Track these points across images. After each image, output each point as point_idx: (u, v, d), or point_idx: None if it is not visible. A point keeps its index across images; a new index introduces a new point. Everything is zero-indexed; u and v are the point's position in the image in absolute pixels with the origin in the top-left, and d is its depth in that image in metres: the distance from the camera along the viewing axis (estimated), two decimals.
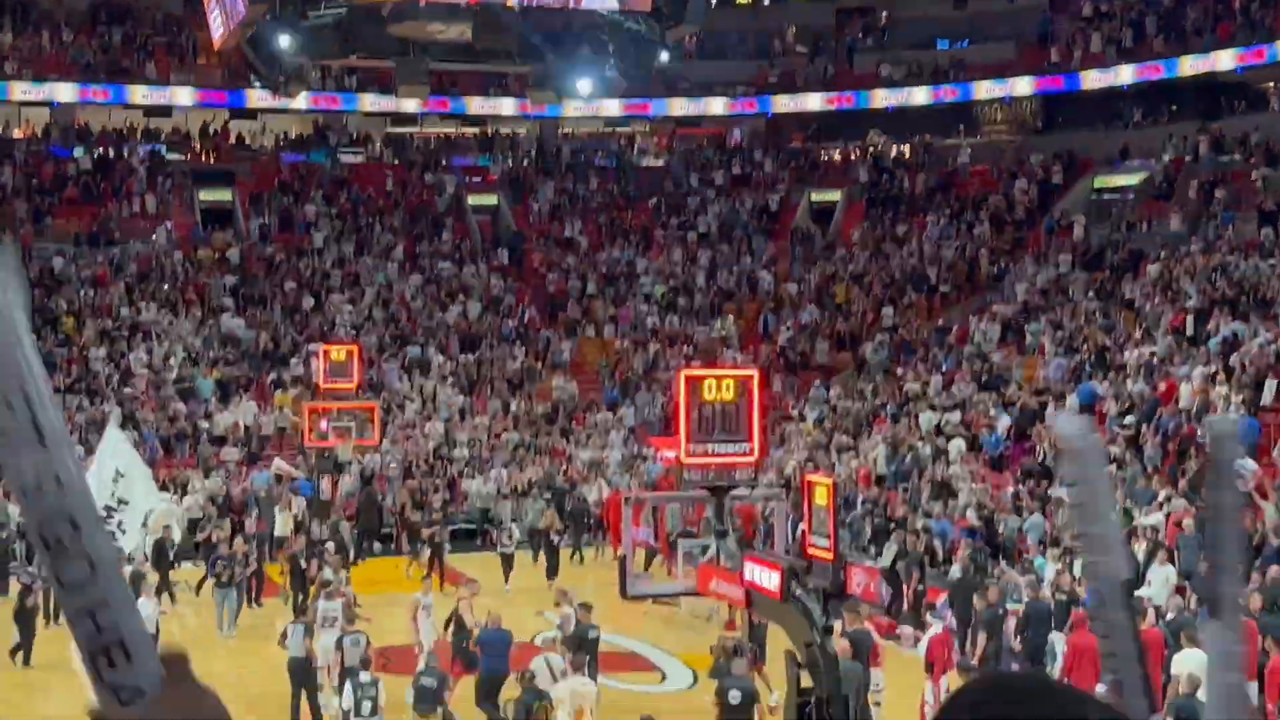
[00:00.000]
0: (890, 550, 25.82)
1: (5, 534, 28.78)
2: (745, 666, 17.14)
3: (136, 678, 1.40)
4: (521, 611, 22.74)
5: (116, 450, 25.25)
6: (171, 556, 27.17)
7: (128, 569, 26.45)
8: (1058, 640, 19.30)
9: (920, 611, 23.09)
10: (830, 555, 14.53)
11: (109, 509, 24.88)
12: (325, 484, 31.80)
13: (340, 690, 17.98)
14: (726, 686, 16.50)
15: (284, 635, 19.39)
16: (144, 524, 24.58)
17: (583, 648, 18.15)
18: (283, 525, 29.79)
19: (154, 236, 45.24)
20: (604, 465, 36.35)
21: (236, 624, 24.67)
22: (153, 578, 25.39)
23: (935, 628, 19.38)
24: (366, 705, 16.53)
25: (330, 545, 26.31)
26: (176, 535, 28.01)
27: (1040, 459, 28.85)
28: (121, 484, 24.73)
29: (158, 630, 21.52)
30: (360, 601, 21.13)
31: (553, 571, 28.45)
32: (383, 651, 20.83)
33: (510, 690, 17.77)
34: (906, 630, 22.84)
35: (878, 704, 18.66)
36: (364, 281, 45.30)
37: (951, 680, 17.53)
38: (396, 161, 52.37)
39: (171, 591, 26.36)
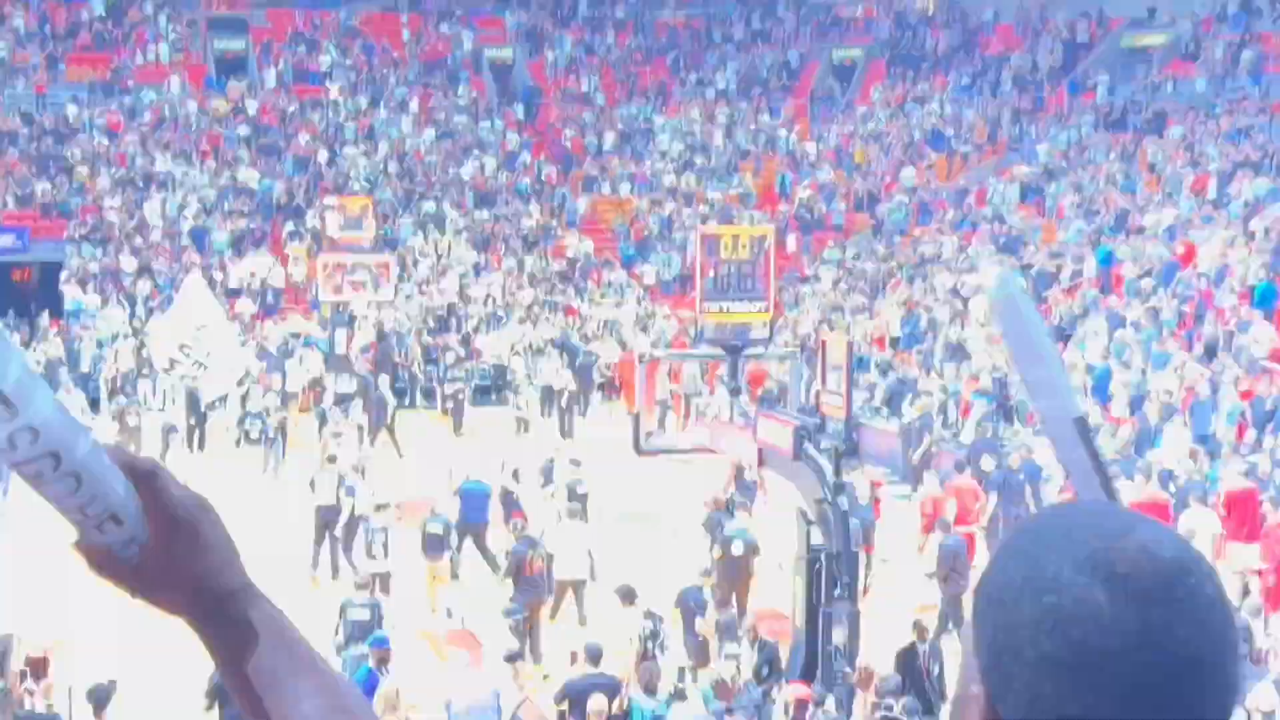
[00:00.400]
0: (912, 411, 25.88)
1: None
2: (745, 518, 17.58)
3: (130, 531, 1.36)
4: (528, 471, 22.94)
5: (201, 303, 25.36)
6: (203, 408, 27.01)
7: (162, 421, 26.71)
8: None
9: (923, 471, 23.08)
10: (843, 414, 14.55)
11: (182, 349, 25.03)
12: (340, 337, 31.85)
13: (350, 537, 18.34)
14: (729, 538, 16.80)
15: (312, 483, 19.67)
16: (238, 380, 24.83)
17: (572, 500, 18.38)
18: (294, 380, 29.84)
19: (167, 85, 44.83)
20: (618, 324, 36.34)
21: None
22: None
23: (930, 486, 19.58)
24: (378, 549, 16.84)
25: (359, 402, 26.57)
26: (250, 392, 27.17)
27: (1058, 321, 28.75)
28: (203, 334, 24.86)
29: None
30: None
31: (567, 431, 28.55)
32: (396, 504, 21.17)
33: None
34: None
35: (884, 560, 18.94)
36: (378, 135, 44.94)
37: (936, 540, 17.56)
38: (412, 12, 51.59)
39: (203, 441, 26.53)
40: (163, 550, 1.37)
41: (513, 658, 12.89)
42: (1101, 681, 1.19)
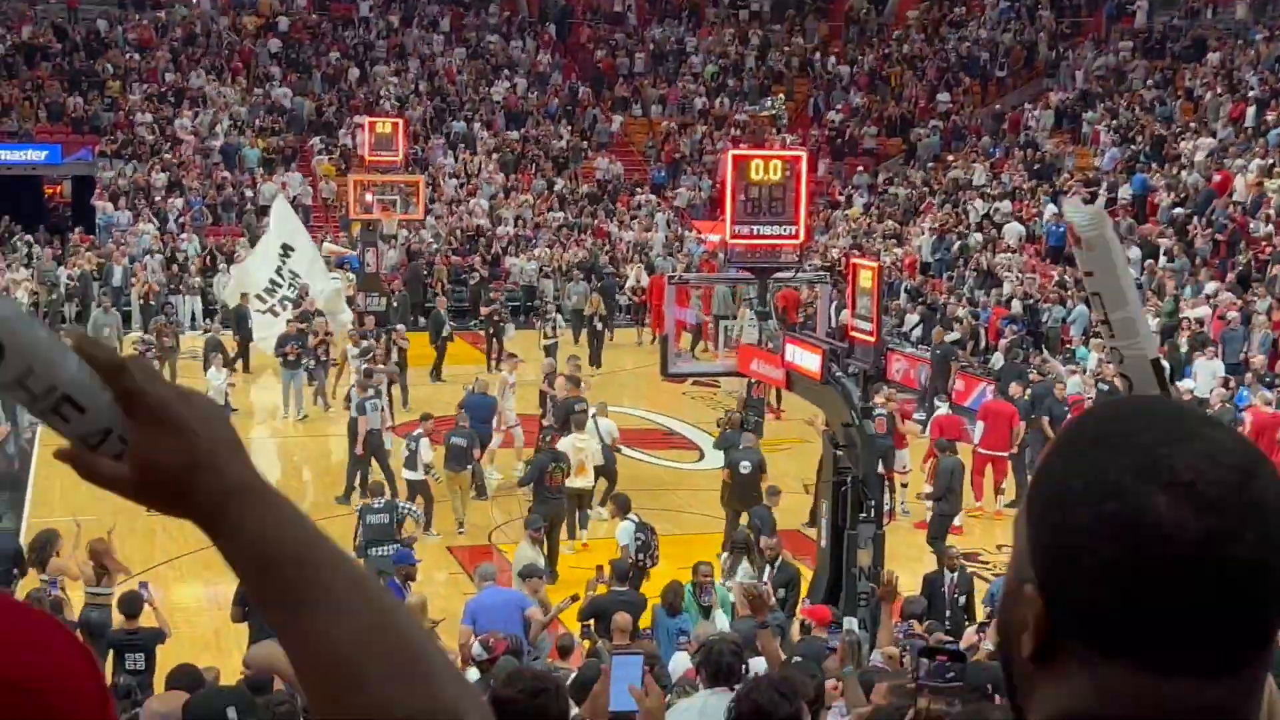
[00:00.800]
0: (951, 336, 25.83)
1: None
2: (753, 439, 17.79)
3: (98, 421, 1.29)
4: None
5: (284, 225, 25.30)
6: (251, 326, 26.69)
7: (205, 335, 26.68)
8: None
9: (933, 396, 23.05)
10: (872, 339, 14.50)
11: (273, 283, 25.05)
12: (370, 257, 31.85)
13: (380, 452, 18.59)
14: (737, 459, 17.06)
15: (348, 399, 19.90)
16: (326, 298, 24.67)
17: (568, 420, 18.47)
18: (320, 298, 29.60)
19: (198, 0, 44.64)
20: (647, 247, 36.25)
21: (303, 406, 23.89)
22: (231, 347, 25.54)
23: (942, 409, 19.61)
24: (417, 460, 17.43)
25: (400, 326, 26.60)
26: (346, 318, 26.03)
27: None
28: (292, 258, 24.81)
29: (226, 401, 21.69)
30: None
31: (595, 356, 28.51)
32: (422, 420, 21.34)
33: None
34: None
35: (904, 485, 19.05)
36: (409, 54, 44.72)
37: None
38: None
39: (247, 361, 26.44)
40: (145, 446, 1.29)
41: (529, 573, 12.99)
42: (1161, 590, 1.17)
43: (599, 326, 29.37)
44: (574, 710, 5.21)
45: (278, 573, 1.29)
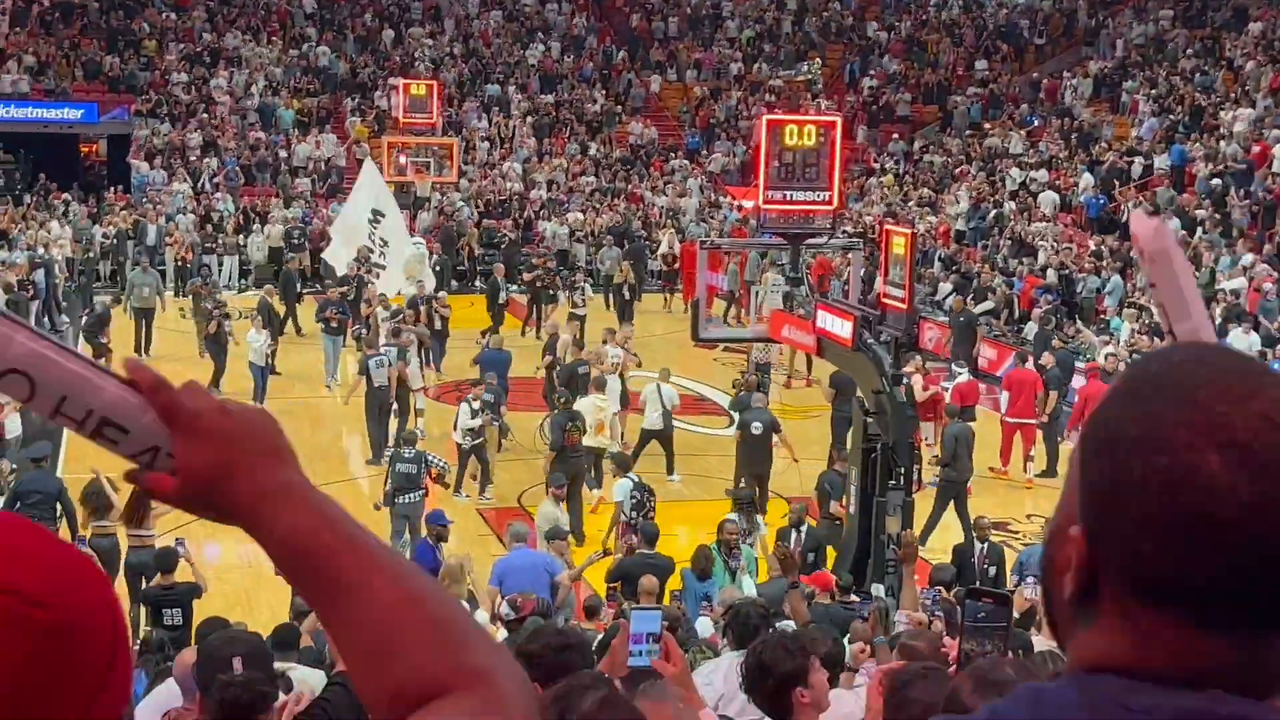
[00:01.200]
0: (986, 305, 25.74)
1: None
2: (764, 399, 18.00)
3: (145, 441, 1.38)
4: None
5: (373, 190, 25.16)
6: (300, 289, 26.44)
7: (253, 295, 26.54)
8: None
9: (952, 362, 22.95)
10: (904, 306, 14.46)
11: (368, 250, 24.88)
12: (404, 219, 31.87)
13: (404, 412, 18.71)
14: (748, 419, 17.24)
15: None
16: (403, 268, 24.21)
17: (572, 381, 18.68)
18: (340, 263, 29.16)
19: None
20: (680, 212, 36.15)
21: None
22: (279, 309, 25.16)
23: (961, 376, 19.56)
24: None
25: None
26: (429, 284, 24.94)
27: (1125, 219, 28.35)
28: (383, 225, 24.54)
29: (268, 363, 21.57)
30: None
31: (625, 322, 28.37)
32: (458, 385, 21.38)
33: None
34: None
35: (935, 456, 19.03)
36: (444, 15, 44.65)
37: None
38: None
39: (297, 324, 26.20)
40: (185, 458, 1.38)
41: (555, 535, 13.04)
42: (1206, 549, 1.15)
43: (626, 295, 29.12)
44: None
45: (310, 566, 1.39)
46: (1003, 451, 19.15)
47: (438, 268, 29.35)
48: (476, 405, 17.45)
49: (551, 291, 27.51)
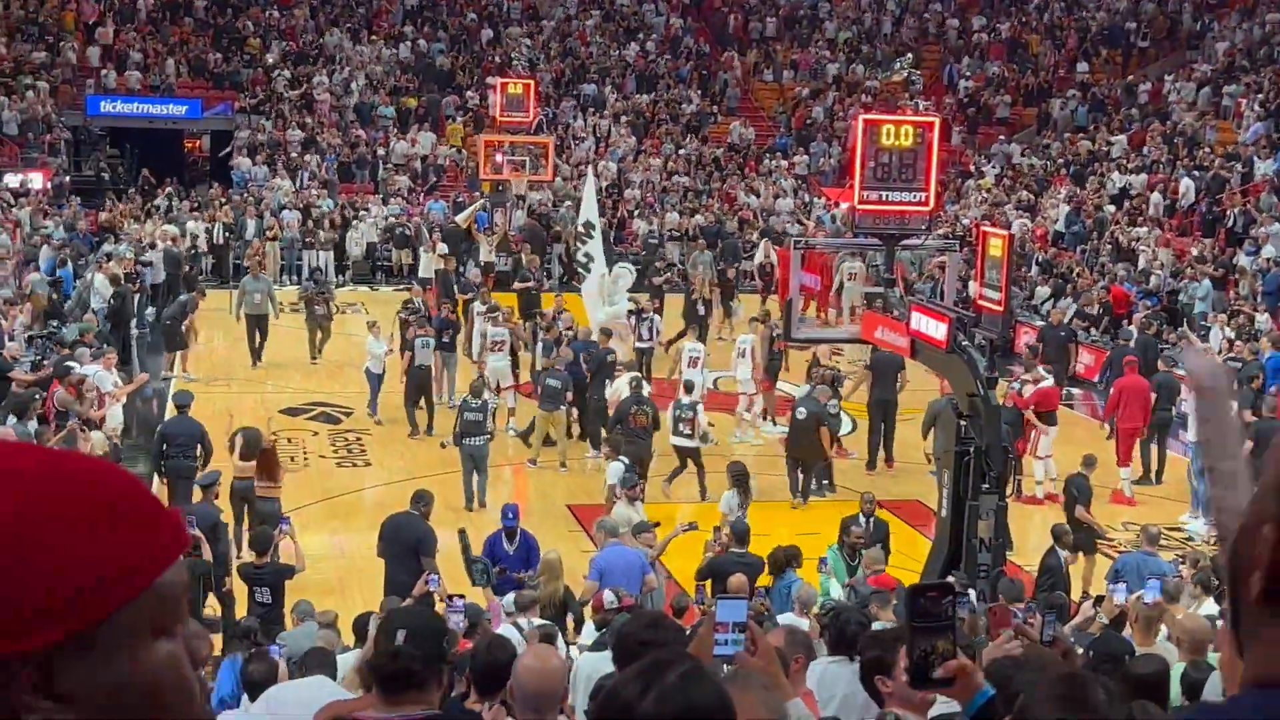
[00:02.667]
0: (1069, 308, 25.42)
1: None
2: (829, 393, 18.31)
3: None
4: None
5: (590, 203, 25.24)
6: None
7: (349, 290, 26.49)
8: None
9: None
10: (1000, 308, 14.31)
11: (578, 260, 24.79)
12: (499, 217, 32.11)
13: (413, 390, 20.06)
14: (798, 405, 17.95)
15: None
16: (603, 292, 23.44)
17: (602, 367, 19.49)
18: (425, 266, 28.79)
19: None
20: (774, 212, 36.03)
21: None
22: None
23: (1046, 381, 19.35)
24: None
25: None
26: (620, 308, 23.78)
27: (1230, 224, 27.88)
28: (590, 243, 24.18)
29: (383, 370, 20.88)
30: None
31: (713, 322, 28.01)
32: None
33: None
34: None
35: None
36: (542, 15, 44.90)
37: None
38: None
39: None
40: None
41: (642, 529, 13.10)
42: None
43: (708, 298, 27.93)
44: None
45: None
46: (1122, 458, 18.93)
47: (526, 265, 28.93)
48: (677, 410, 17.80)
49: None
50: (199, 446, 15.41)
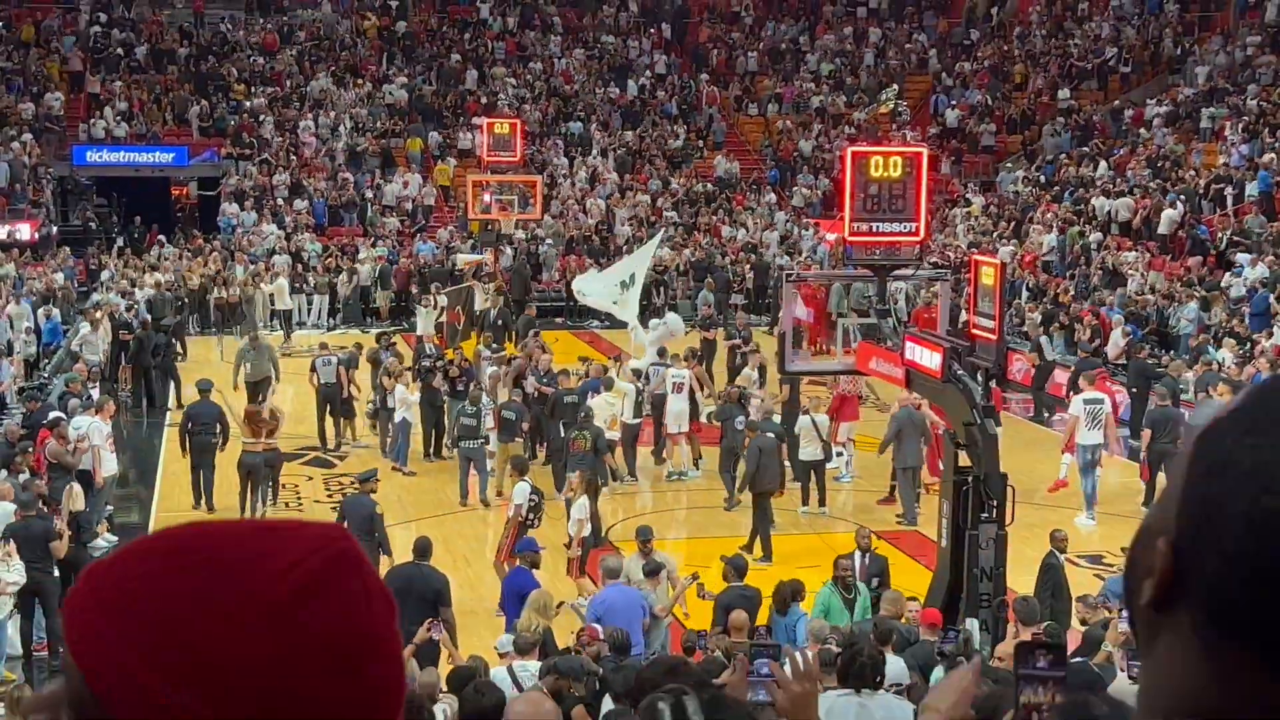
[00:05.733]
0: (1059, 336, 25.42)
1: None
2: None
3: None
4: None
5: (643, 258, 25.14)
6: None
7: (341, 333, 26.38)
8: None
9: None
10: (993, 336, 14.29)
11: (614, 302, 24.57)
12: (489, 256, 32.09)
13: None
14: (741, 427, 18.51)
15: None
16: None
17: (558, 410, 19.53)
18: (424, 322, 26.67)
19: (321, 3, 45.38)
20: (762, 245, 36.09)
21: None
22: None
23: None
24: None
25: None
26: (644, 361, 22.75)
27: (1222, 246, 27.94)
28: (628, 293, 23.94)
29: (407, 424, 20.57)
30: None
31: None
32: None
33: None
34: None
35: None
36: (528, 55, 45.03)
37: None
38: None
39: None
40: None
41: (652, 571, 13.02)
42: None
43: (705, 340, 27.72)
44: None
45: None
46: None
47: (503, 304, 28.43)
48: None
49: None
50: (218, 425, 18.26)
